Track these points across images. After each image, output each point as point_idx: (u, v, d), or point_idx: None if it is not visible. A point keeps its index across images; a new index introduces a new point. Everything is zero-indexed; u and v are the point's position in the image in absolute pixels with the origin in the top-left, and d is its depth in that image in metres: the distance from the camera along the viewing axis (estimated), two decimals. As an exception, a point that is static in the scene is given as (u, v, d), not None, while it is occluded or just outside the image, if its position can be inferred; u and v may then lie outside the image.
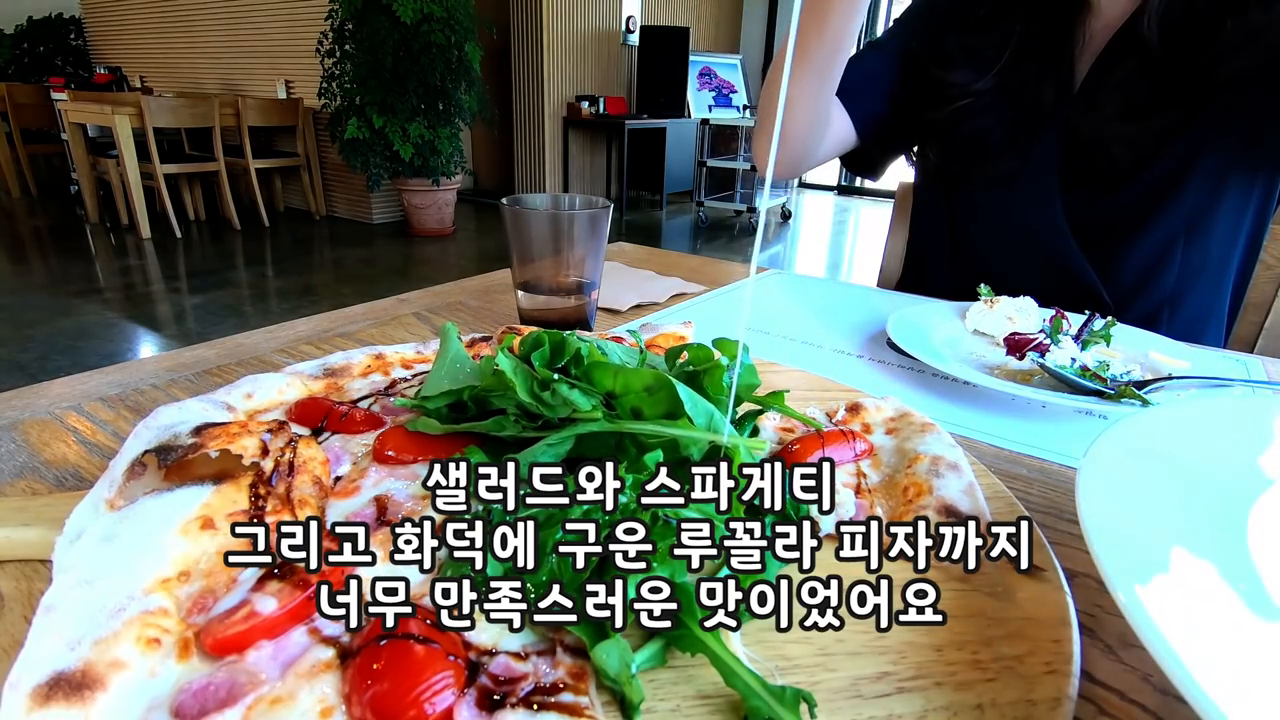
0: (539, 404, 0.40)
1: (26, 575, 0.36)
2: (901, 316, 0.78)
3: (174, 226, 5.37)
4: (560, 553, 0.31)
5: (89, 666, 0.26)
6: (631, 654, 0.28)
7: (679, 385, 0.39)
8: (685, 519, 0.32)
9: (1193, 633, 0.25)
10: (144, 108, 4.99)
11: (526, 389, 0.40)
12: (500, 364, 0.40)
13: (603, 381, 0.39)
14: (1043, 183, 0.96)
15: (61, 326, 3.51)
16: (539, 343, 0.44)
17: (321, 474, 0.40)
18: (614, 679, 0.28)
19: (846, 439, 0.47)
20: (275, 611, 0.29)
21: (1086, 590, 0.38)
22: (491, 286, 0.96)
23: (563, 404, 0.39)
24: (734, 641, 0.30)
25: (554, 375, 0.41)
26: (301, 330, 0.76)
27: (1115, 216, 0.94)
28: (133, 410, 0.56)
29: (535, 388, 0.40)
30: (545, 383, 0.40)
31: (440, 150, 5.35)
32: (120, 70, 7.58)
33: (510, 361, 0.41)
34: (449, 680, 0.27)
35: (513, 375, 0.40)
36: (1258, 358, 0.78)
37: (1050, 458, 0.54)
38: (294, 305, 4.03)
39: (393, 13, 4.84)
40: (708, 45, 8.10)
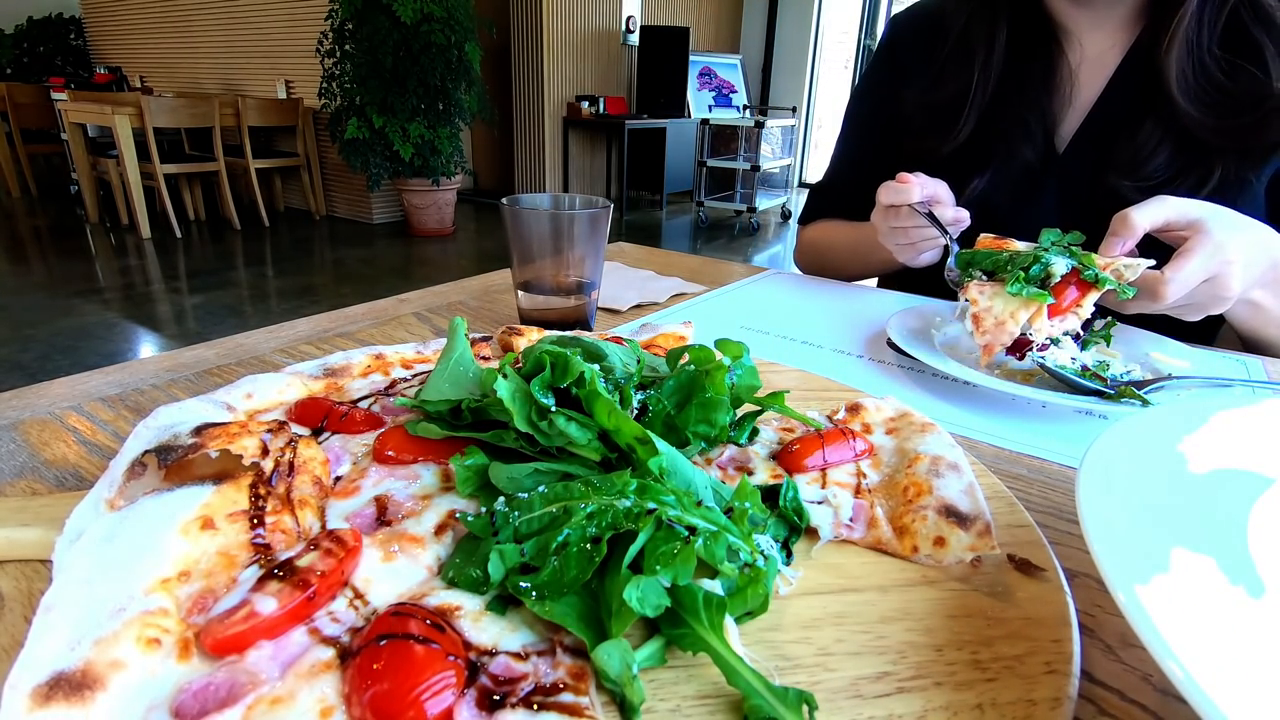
0: (536, 432, 0.39)
1: (26, 575, 0.36)
2: (901, 316, 0.78)
3: (174, 226, 5.37)
4: (562, 554, 0.31)
5: (89, 666, 0.26)
6: (633, 655, 0.28)
7: (661, 443, 0.38)
8: (691, 525, 0.32)
9: (1193, 633, 0.25)
10: (144, 108, 4.99)
11: (524, 417, 0.40)
12: (499, 391, 0.39)
13: (600, 416, 0.39)
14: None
15: (61, 326, 3.51)
16: (541, 365, 0.42)
17: (321, 474, 0.40)
18: (615, 680, 0.28)
19: (846, 439, 0.47)
20: (275, 611, 0.29)
21: (1086, 590, 0.38)
22: (491, 286, 0.96)
23: (559, 435, 0.39)
24: (734, 640, 0.30)
25: (552, 406, 0.40)
26: (301, 330, 0.76)
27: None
28: (133, 410, 0.56)
29: (534, 415, 0.40)
30: (543, 411, 0.40)
31: (440, 150, 5.35)
32: (120, 70, 7.58)
33: (509, 387, 0.40)
34: (449, 680, 0.27)
35: (511, 403, 0.39)
36: (1258, 358, 0.78)
37: (1050, 458, 0.54)
38: (294, 305, 4.03)
39: (393, 13, 4.84)
40: (708, 45, 8.09)
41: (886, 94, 1.04)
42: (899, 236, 0.87)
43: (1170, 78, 0.78)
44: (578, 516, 0.32)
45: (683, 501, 0.33)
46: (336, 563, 0.32)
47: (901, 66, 1.03)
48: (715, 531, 0.32)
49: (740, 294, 0.97)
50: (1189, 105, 0.78)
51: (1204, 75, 0.78)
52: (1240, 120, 0.77)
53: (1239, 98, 0.77)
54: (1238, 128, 0.77)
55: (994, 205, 0.94)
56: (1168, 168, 0.82)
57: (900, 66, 1.04)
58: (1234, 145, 0.79)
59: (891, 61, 1.06)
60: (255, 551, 0.34)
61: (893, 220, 0.86)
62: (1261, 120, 0.76)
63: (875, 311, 0.90)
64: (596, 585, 0.31)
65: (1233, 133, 0.78)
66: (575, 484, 0.35)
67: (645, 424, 0.42)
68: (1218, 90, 0.78)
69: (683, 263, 1.12)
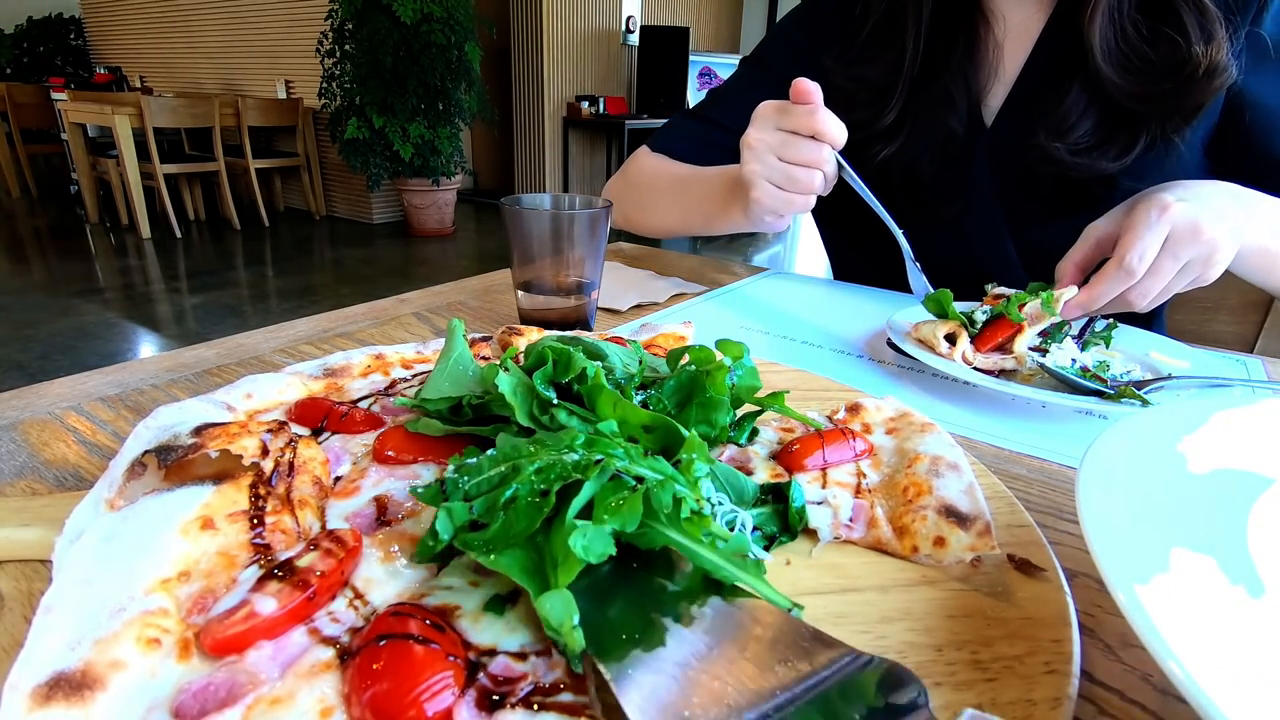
0: (538, 426, 0.39)
1: (26, 575, 0.36)
2: (901, 317, 0.78)
3: (174, 226, 5.37)
4: (510, 508, 0.31)
5: (89, 667, 0.26)
6: (575, 606, 0.28)
7: (677, 426, 0.38)
8: (639, 475, 0.32)
9: (1193, 633, 0.25)
10: (144, 108, 4.99)
11: (526, 412, 0.39)
12: (501, 385, 0.39)
13: (603, 409, 0.39)
14: (987, 220, 0.93)
15: (61, 326, 3.51)
16: (543, 360, 0.42)
17: (321, 474, 0.40)
18: (555, 628, 0.28)
19: (846, 439, 0.47)
20: (275, 612, 0.29)
21: (1086, 590, 0.38)
22: (491, 286, 0.96)
23: (561, 429, 0.39)
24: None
25: (554, 399, 0.40)
26: (301, 330, 0.76)
27: (1070, 241, 0.84)
28: (133, 410, 0.56)
29: (535, 410, 0.40)
30: (545, 405, 0.40)
31: (440, 150, 5.35)
32: (120, 70, 7.58)
33: (511, 381, 0.40)
34: (448, 680, 0.27)
35: (512, 397, 0.39)
36: (1258, 358, 0.78)
37: (1050, 458, 0.54)
38: (294, 305, 4.03)
39: (393, 13, 4.84)
40: (708, 45, 8.09)
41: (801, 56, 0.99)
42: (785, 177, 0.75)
43: (1094, 46, 0.79)
44: (526, 472, 0.32)
45: (630, 453, 0.33)
46: (336, 563, 0.32)
47: (822, 32, 1.00)
48: (662, 480, 0.32)
49: (740, 294, 0.97)
50: (1113, 73, 0.79)
51: (1126, 42, 0.79)
52: (1162, 86, 0.78)
53: (1160, 64, 0.78)
54: (1160, 93, 0.78)
55: (918, 173, 0.93)
56: (1094, 133, 0.83)
57: (820, 32, 1.00)
58: (1157, 110, 0.79)
59: (811, 26, 1.03)
60: (255, 552, 0.34)
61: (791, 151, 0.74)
62: (1182, 85, 0.77)
63: (875, 311, 0.90)
64: (542, 540, 0.31)
65: (1155, 98, 0.79)
66: (523, 443, 0.35)
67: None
68: (1140, 58, 0.79)
69: (682, 263, 1.12)
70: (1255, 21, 0.78)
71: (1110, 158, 0.82)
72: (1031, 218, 0.92)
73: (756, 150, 0.76)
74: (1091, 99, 0.82)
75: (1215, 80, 0.76)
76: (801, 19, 1.06)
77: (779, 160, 0.76)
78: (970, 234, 0.94)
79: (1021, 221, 0.93)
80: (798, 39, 1.04)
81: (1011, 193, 0.91)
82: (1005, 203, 0.92)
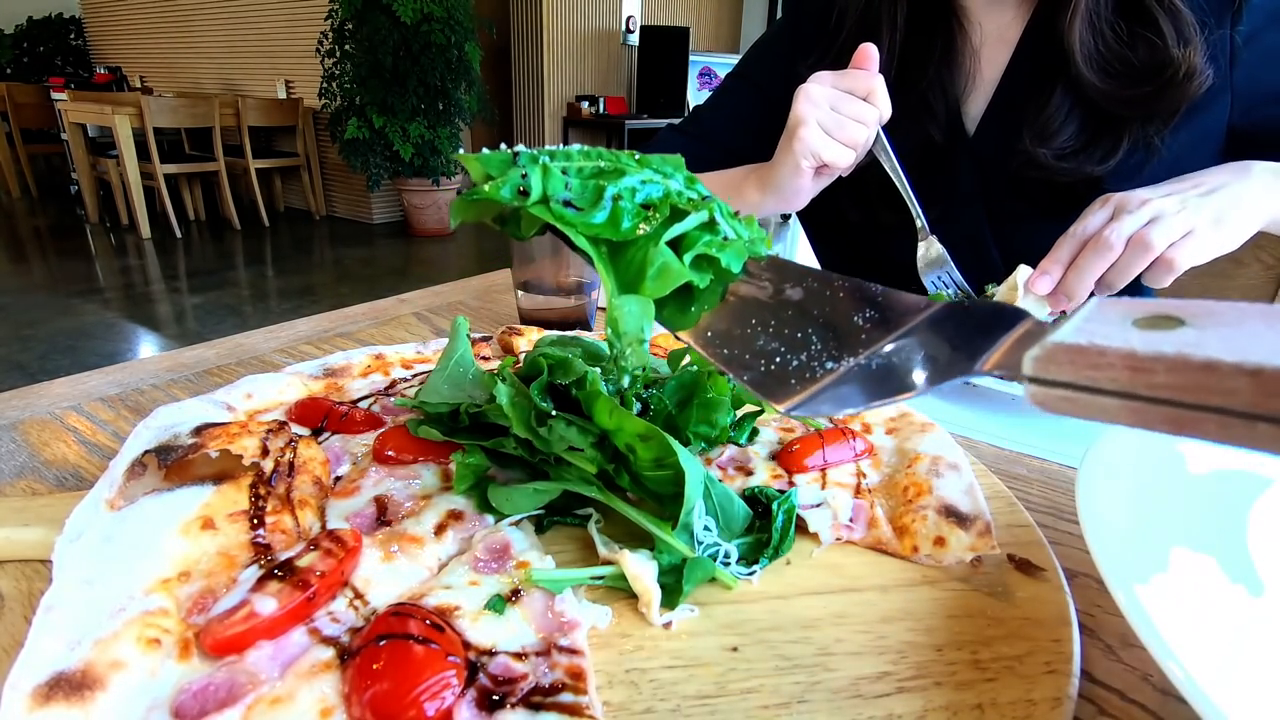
0: (535, 438, 0.39)
1: (26, 575, 0.36)
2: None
3: (174, 226, 5.37)
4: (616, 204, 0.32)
5: (89, 666, 0.26)
6: (652, 310, 0.30)
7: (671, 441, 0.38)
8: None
9: (1193, 633, 0.25)
10: (144, 108, 4.99)
11: (523, 423, 0.39)
12: (499, 396, 0.39)
13: (600, 417, 0.39)
14: (970, 226, 0.93)
15: (61, 326, 3.51)
16: (538, 369, 0.42)
17: (321, 474, 0.40)
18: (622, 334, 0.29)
19: (846, 439, 0.47)
20: (275, 612, 0.29)
21: (1086, 590, 0.38)
22: (491, 286, 0.95)
23: (559, 440, 0.39)
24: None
25: (551, 410, 0.39)
26: (301, 330, 0.76)
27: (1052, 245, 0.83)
28: (133, 410, 0.56)
29: (533, 420, 0.39)
30: (542, 416, 0.39)
31: (440, 150, 5.35)
32: (120, 70, 7.59)
33: (509, 392, 0.40)
34: (449, 680, 0.27)
35: (510, 409, 0.39)
36: (1258, 358, 0.78)
37: (1050, 458, 0.54)
38: (294, 305, 4.03)
39: (393, 13, 4.84)
40: (708, 45, 8.09)
41: (782, 67, 0.99)
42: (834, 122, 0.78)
43: (1075, 50, 0.79)
44: (629, 179, 0.32)
45: (723, 210, 0.35)
46: (336, 563, 0.32)
47: (802, 36, 1.00)
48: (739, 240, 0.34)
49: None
50: (1095, 77, 0.80)
51: (1106, 46, 0.80)
52: (1142, 89, 0.79)
53: (1141, 67, 0.78)
54: (1141, 96, 0.79)
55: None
56: (1078, 137, 0.83)
57: (801, 36, 1.00)
58: (1138, 113, 0.80)
59: (792, 36, 1.03)
60: (255, 551, 0.34)
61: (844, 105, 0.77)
62: (1163, 88, 0.78)
63: (875, 311, 0.90)
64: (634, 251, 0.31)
65: (1137, 101, 0.79)
66: (617, 153, 0.34)
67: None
68: (1121, 61, 0.79)
69: (683, 263, 1.12)
70: (1233, 24, 0.79)
71: (1096, 161, 0.82)
72: (1015, 222, 0.92)
73: (811, 96, 0.79)
74: (1074, 103, 0.83)
75: (1193, 82, 0.76)
76: (782, 31, 1.06)
77: (831, 109, 0.79)
78: (952, 240, 0.94)
79: (1005, 226, 0.93)
80: (779, 50, 1.05)
81: (995, 199, 0.91)
82: (989, 209, 0.93)
